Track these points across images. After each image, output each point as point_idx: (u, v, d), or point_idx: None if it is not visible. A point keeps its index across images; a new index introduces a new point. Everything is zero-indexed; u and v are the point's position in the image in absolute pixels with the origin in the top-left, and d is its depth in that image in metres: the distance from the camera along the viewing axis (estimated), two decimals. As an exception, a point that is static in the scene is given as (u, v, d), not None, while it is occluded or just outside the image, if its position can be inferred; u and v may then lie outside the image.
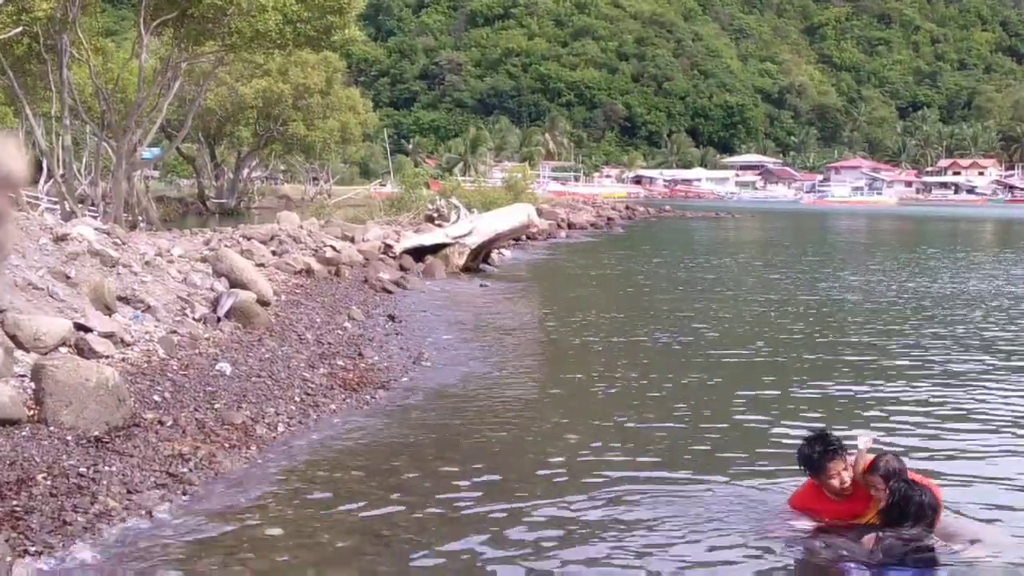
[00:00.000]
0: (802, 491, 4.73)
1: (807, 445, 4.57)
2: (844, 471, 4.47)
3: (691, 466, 5.81)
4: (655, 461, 5.89)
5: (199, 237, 13.93)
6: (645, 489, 5.27)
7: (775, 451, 6.12)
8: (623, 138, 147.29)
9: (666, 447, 6.26)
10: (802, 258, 24.63)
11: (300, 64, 36.92)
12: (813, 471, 4.54)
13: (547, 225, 31.47)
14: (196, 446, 5.31)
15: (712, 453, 6.14)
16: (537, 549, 4.40)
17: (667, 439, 6.45)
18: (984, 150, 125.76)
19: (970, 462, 6.04)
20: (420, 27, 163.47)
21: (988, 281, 18.23)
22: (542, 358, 9.57)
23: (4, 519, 3.98)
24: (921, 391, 8.10)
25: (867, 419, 7.03)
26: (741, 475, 5.61)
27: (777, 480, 5.41)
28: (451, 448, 6.02)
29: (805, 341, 10.86)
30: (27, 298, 6.77)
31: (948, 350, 10.22)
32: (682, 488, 5.36)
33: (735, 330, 11.82)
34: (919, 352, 10.06)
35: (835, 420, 6.78)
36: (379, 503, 4.85)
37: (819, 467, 4.49)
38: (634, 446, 6.23)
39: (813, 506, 4.61)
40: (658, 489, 5.29)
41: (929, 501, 4.22)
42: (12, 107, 26.88)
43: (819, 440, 4.55)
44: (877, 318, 12.90)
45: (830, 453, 4.46)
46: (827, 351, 10.13)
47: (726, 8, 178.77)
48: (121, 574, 3.80)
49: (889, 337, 11.16)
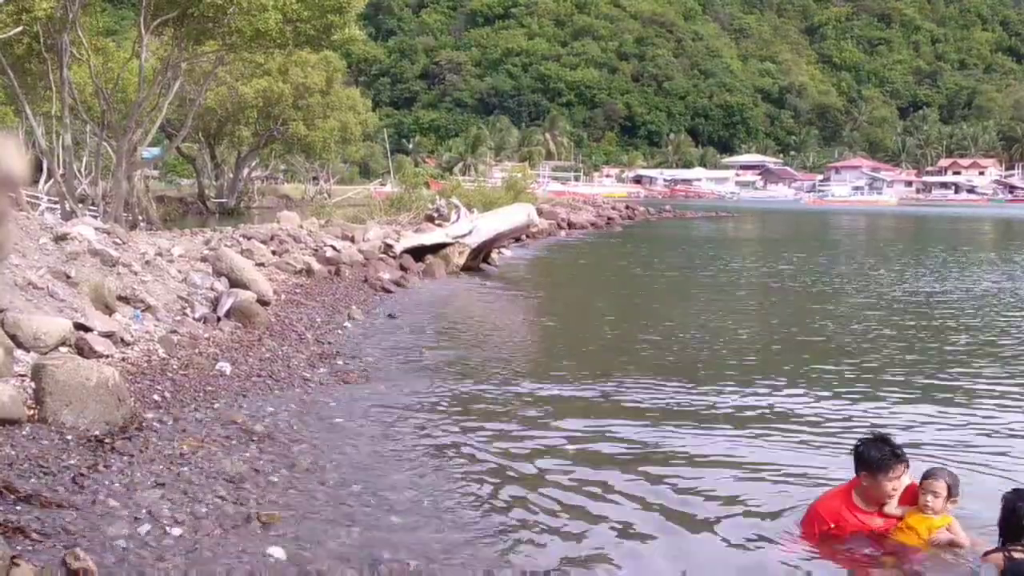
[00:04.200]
0: (829, 500, 4.62)
1: (874, 445, 4.50)
2: (899, 480, 4.44)
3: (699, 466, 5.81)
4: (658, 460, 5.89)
5: (199, 237, 13.94)
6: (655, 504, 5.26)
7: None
8: (623, 138, 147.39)
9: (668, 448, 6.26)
10: (829, 261, 24.65)
11: (300, 64, 36.93)
12: (877, 470, 4.43)
13: (547, 225, 31.50)
14: (196, 445, 5.31)
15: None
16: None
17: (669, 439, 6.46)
18: (984, 150, 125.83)
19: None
20: (420, 27, 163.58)
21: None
22: (542, 358, 9.57)
23: (4, 519, 3.98)
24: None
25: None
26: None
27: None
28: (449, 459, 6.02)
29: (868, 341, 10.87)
30: (27, 298, 6.78)
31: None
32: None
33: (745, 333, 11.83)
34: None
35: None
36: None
37: (885, 467, 4.41)
38: (634, 446, 6.23)
39: (841, 516, 4.49)
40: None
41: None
42: (12, 107, 26.87)
43: (885, 441, 4.51)
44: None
45: (898, 455, 4.43)
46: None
47: (726, 8, 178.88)
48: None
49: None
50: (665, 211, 58.56)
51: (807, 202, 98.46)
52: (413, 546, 4.37)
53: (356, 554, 4.23)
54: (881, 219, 59.19)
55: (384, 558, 4.15)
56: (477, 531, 4.62)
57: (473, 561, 4.24)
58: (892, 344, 10.61)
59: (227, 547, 4.13)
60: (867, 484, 4.48)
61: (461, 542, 4.44)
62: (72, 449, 4.92)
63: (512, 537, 4.57)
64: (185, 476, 4.78)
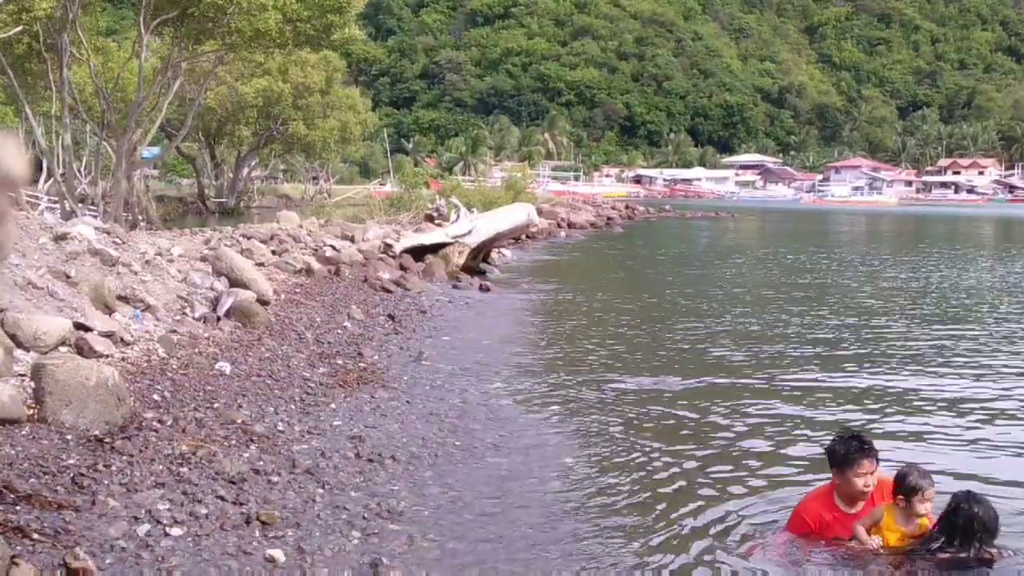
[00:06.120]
0: (811, 501, 4.62)
1: (840, 441, 4.52)
2: (871, 475, 4.42)
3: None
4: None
5: (199, 236, 13.92)
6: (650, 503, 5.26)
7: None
8: (623, 137, 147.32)
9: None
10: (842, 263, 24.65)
11: (300, 63, 36.94)
12: (843, 465, 4.44)
13: (547, 225, 31.49)
14: (196, 445, 5.30)
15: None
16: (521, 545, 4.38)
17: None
18: (984, 150, 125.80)
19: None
20: (420, 26, 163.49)
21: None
22: (542, 357, 9.57)
23: (4, 519, 3.98)
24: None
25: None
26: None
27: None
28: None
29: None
30: (27, 297, 6.77)
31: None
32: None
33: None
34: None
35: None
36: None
37: (850, 461, 4.41)
38: (632, 449, 6.23)
39: (823, 518, 4.48)
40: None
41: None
42: (12, 106, 26.88)
43: (854, 437, 4.52)
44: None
45: (866, 450, 4.42)
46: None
47: (726, 8, 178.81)
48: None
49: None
50: (665, 210, 58.58)
51: (806, 202, 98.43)
52: (413, 551, 4.37)
53: (355, 557, 4.23)
54: (883, 219, 59.15)
55: (383, 562, 4.15)
56: (478, 539, 4.62)
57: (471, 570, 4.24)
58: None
59: (227, 547, 4.13)
60: (839, 481, 4.48)
61: (463, 551, 4.44)
62: (72, 449, 4.92)
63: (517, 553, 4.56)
64: (185, 476, 4.77)
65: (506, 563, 4.25)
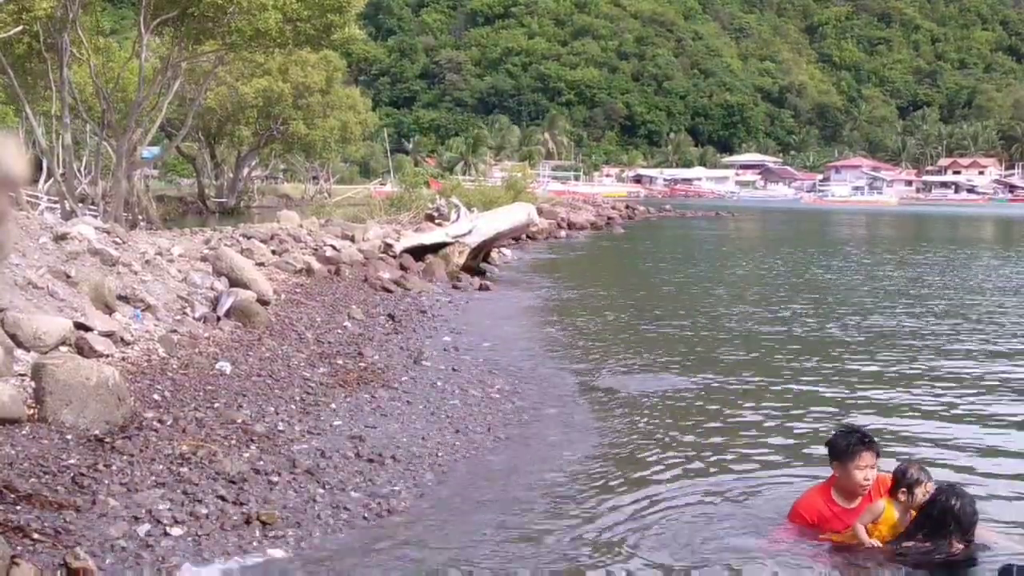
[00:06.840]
0: (809, 497, 4.64)
1: (842, 434, 4.55)
2: (871, 468, 4.43)
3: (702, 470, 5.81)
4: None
5: (199, 236, 13.92)
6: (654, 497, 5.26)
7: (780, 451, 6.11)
8: (623, 137, 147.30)
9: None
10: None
11: (300, 63, 36.91)
12: (844, 457, 4.45)
13: (547, 224, 31.46)
14: (197, 445, 5.30)
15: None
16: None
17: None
18: (984, 149, 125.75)
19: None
20: (420, 26, 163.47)
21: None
22: (542, 356, 9.57)
23: (4, 519, 3.97)
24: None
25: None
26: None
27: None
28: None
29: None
30: (27, 297, 6.77)
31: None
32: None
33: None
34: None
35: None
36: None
37: (852, 454, 4.42)
38: (633, 446, 6.24)
39: (821, 513, 4.50)
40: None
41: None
42: (12, 106, 26.87)
43: (856, 431, 4.56)
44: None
45: (867, 443, 4.43)
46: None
47: (726, 7, 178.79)
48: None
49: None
50: (665, 210, 58.58)
51: (807, 201, 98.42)
52: (411, 547, 4.37)
53: (357, 555, 4.23)
54: (883, 219, 59.15)
55: (383, 560, 4.15)
56: (478, 538, 4.62)
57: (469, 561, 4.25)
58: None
59: (227, 547, 4.13)
60: (839, 474, 4.50)
61: (463, 551, 4.44)
62: (72, 449, 4.92)
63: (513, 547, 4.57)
64: (185, 476, 4.78)
65: (508, 561, 4.25)
